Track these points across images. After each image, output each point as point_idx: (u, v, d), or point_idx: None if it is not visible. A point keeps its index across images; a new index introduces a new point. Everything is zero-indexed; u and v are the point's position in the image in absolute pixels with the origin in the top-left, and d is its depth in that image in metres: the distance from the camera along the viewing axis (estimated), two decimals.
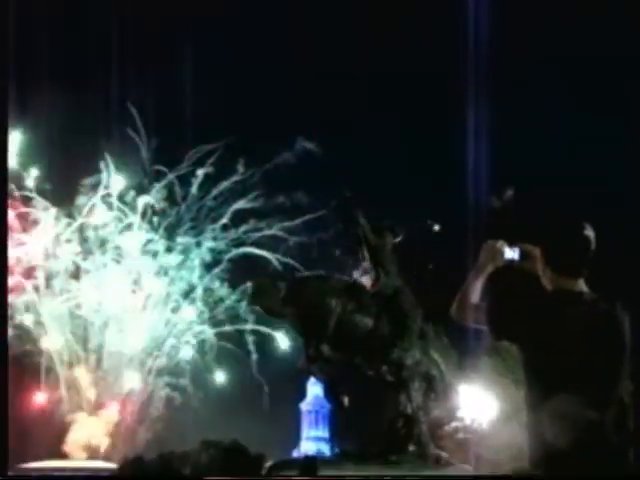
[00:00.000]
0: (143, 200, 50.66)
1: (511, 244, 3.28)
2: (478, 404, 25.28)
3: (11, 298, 46.25)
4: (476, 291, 3.22)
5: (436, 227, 12.14)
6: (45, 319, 48.92)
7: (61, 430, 49.09)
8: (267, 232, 49.88)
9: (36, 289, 48.85)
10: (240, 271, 48.89)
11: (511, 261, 3.27)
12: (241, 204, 50.40)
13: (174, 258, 50.84)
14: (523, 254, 3.27)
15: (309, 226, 47.37)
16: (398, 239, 12.11)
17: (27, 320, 48.15)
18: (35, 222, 49.06)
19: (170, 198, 50.88)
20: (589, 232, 3.17)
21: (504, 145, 39.79)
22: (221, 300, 50.05)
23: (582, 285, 3.16)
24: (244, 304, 46.92)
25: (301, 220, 48.42)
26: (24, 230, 48.49)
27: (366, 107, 48.38)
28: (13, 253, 45.99)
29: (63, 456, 48.60)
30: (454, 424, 26.37)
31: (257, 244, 50.16)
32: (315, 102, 46.04)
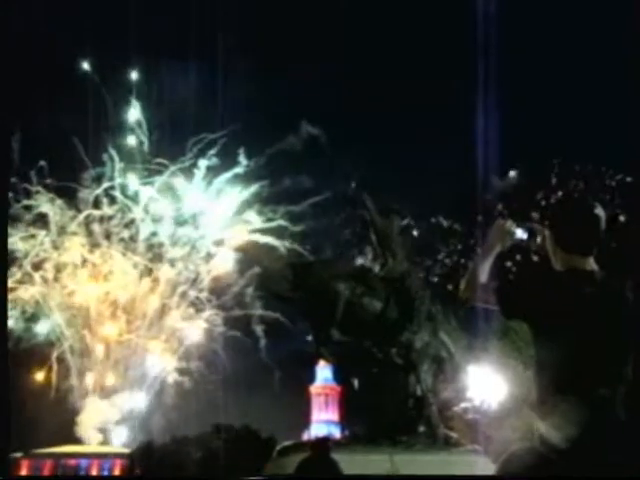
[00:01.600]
0: (146, 193, 50.77)
1: (520, 224, 3.29)
2: (487, 385, 25.35)
3: (20, 291, 46.59)
4: (485, 271, 3.23)
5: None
6: (54, 310, 49.24)
7: (73, 414, 49.58)
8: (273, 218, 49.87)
9: (45, 281, 49.15)
10: (247, 258, 48.89)
11: (520, 241, 3.28)
12: (245, 192, 50.38)
13: (180, 250, 50.97)
14: (532, 233, 3.27)
15: (316, 211, 47.30)
16: (405, 222, 12.12)
17: (37, 311, 48.52)
18: (41, 215, 49.26)
19: (173, 190, 50.94)
20: (599, 211, 3.18)
21: (513, 124, 39.56)
22: (229, 286, 50.20)
23: (592, 263, 3.17)
24: (252, 289, 47.03)
25: (307, 204, 48.33)
26: (31, 223, 48.70)
27: (372, 90, 48.11)
28: (22, 246, 46.23)
29: (77, 441, 49.11)
30: (463, 405, 26.45)
31: (262, 230, 50.17)
32: (320, 83, 45.80)
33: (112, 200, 50.83)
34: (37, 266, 49.39)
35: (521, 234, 3.31)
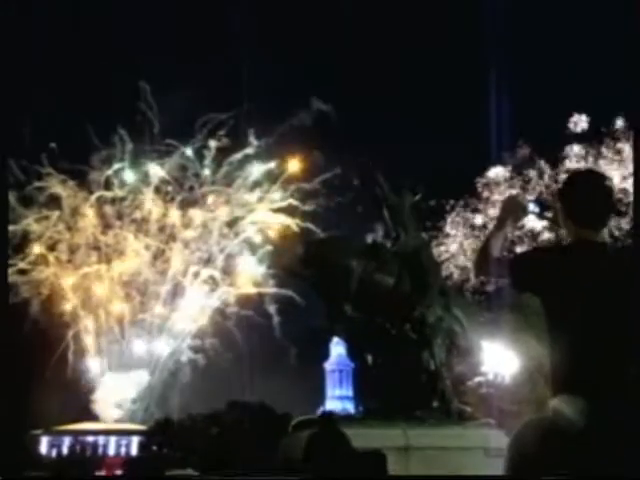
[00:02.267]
0: (157, 174, 50.83)
1: (532, 198, 3.29)
2: (500, 359, 25.41)
3: (35, 273, 46.94)
4: (498, 245, 3.23)
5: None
6: (69, 290, 49.66)
7: (91, 392, 50.23)
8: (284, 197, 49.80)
9: (59, 262, 49.51)
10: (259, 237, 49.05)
11: (532, 214, 3.27)
12: (255, 170, 50.28)
13: (192, 232, 51.14)
14: (544, 207, 3.27)
15: (328, 188, 47.17)
16: (418, 197, 12.08)
17: (50, 292, 48.96)
18: (53, 196, 49.48)
19: (183, 171, 50.95)
20: (609, 183, 3.16)
21: (523, 100, 39.16)
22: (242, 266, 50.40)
23: (604, 236, 3.16)
24: (264, 267, 47.15)
25: (319, 180, 48.17)
26: (44, 204, 48.92)
27: (382, 66, 47.70)
28: (37, 227, 46.45)
29: (94, 418, 49.81)
30: (477, 379, 26.56)
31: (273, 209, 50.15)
32: (332, 60, 45.37)
33: (122, 182, 51.01)
34: (51, 247, 49.78)
35: (533, 208, 3.30)
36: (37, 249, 48.08)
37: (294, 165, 49.76)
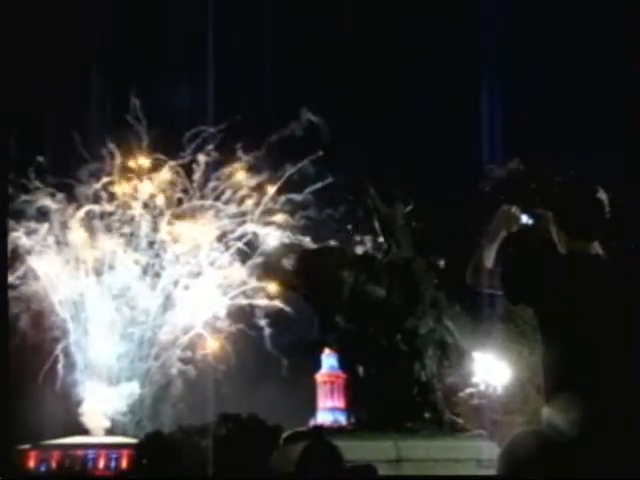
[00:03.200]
0: (145, 189, 50.74)
1: (525, 209, 3.28)
2: (492, 370, 25.41)
3: (23, 288, 46.66)
4: (491, 257, 3.23)
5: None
6: (57, 305, 49.38)
7: (79, 405, 49.87)
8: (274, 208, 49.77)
9: (48, 275, 49.26)
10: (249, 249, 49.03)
11: (525, 226, 3.27)
12: (245, 182, 50.24)
13: (181, 247, 51.04)
14: (537, 218, 3.26)
15: (319, 200, 47.20)
16: (409, 209, 12.09)
17: (40, 308, 48.67)
18: (41, 210, 49.24)
19: (172, 185, 50.84)
20: (602, 195, 3.17)
21: (515, 112, 39.42)
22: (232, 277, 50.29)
23: (597, 247, 3.16)
24: (255, 280, 47.04)
25: (309, 191, 48.22)
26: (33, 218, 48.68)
27: (373, 77, 47.93)
28: (26, 241, 46.22)
29: (84, 432, 49.41)
30: (469, 390, 26.52)
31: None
32: (322, 72, 45.59)
33: (112, 196, 50.90)
34: (41, 261, 49.53)
35: (526, 219, 3.30)
36: (26, 263, 47.83)
37: (284, 176, 49.81)
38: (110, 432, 50.10)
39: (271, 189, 50.51)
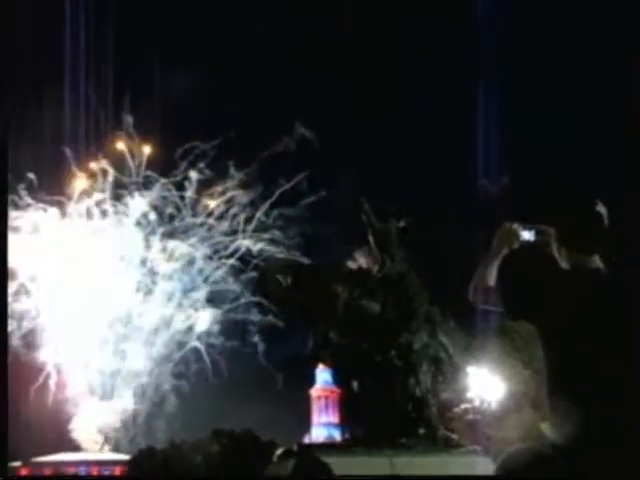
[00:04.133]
0: (137, 206, 50.59)
1: (526, 226, 3.28)
2: (487, 385, 25.36)
3: (14, 305, 46.51)
4: (492, 274, 3.23)
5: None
6: (48, 324, 49.16)
7: (71, 422, 49.51)
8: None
9: (40, 292, 49.09)
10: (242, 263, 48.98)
11: (527, 242, 3.27)
12: (237, 198, 50.10)
13: (174, 264, 50.88)
14: (539, 235, 3.26)
15: (314, 215, 47.15)
16: (403, 224, 12.11)
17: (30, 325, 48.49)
18: (32, 226, 49.00)
19: (164, 203, 50.66)
20: (601, 209, 3.18)
21: (513, 126, 39.54)
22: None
23: (597, 261, 3.16)
24: (249, 294, 47.00)
25: (304, 206, 48.20)
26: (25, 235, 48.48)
27: (364, 91, 48.11)
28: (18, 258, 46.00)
29: (76, 448, 49.00)
30: (463, 406, 26.44)
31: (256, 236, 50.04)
32: (315, 86, 45.76)
33: (104, 213, 50.76)
34: (33, 278, 49.32)
35: (528, 236, 3.30)
36: (18, 279, 47.63)
37: (276, 191, 49.82)
38: (103, 448, 49.71)
39: (264, 204, 50.58)
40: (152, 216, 51.24)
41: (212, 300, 51.00)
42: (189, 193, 51.10)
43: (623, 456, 2.87)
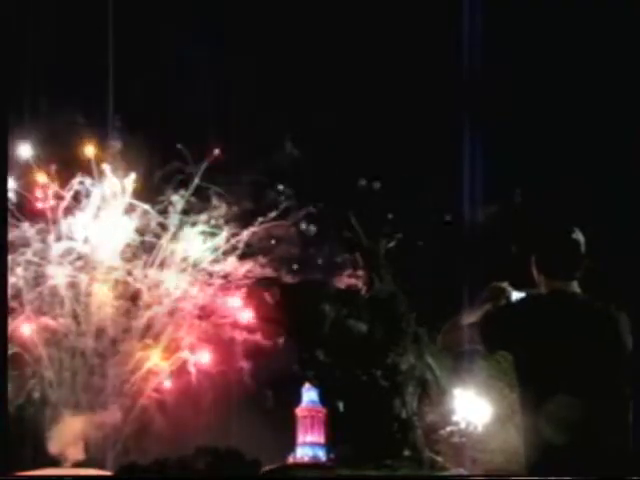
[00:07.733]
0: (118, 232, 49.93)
1: (517, 287, 3.34)
2: (473, 408, 25.28)
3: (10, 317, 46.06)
4: (471, 319, 3.24)
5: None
6: (35, 341, 48.69)
7: (50, 435, 48.79)
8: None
9: (28, 317, 48.62)
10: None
11: (515, 297, 3.34)
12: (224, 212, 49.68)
13: (155, 291, 50.42)
14: (528, 287, 3.32)
15: (300, 233, 46.90)
16: (392, 244, 12.13)
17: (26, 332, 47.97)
18: (17, 243, 48.46)
19: (147, 228, 50.14)
20: (578, 235, 3.21)
21: (495, 153, 39.68)
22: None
23: (575, 287, 3.18)
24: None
25: (290, 224, 48.02)
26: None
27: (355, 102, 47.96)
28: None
29: (55, 463, 48.33)
30: (449, 428, 26.35)
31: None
32: (304, 98, 45.54)
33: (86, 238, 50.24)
34: (15, 296, 48.79)
35: (516, 294, 3.35)
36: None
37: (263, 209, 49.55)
38: (85, 464, 49.13)
39: (251, 223, 50.40)
40: (133, 243, 50.65)
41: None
42: (172, 219, 50.60)
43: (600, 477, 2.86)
